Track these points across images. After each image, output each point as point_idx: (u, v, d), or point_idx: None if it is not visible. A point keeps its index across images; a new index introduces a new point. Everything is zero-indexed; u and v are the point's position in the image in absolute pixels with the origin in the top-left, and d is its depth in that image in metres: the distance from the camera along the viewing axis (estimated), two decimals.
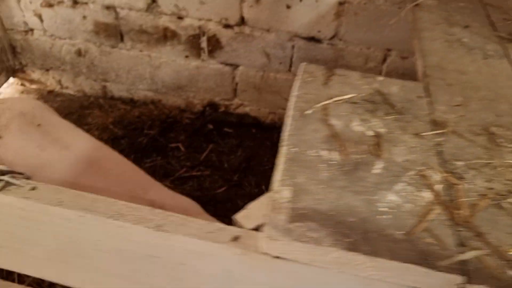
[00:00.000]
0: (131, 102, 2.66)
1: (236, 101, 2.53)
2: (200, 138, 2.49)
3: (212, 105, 2.58)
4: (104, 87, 2.66)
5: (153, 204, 1.26)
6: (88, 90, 2.70)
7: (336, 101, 0.83)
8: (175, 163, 2.34)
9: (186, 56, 2.39)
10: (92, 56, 2.52)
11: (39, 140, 1.34)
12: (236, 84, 2.45)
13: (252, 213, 0.65)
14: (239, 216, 0.65)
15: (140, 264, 0.73)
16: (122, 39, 2.40)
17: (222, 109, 2.58)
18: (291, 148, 0.75)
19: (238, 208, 2.15)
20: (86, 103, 2.70)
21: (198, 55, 2.37)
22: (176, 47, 2.36)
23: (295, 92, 0.86)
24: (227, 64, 2.38)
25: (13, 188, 0.72)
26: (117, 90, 2.64)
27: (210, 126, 2.56)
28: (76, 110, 2.66)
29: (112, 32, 2.39)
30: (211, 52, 2.34)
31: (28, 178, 0.71)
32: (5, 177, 0.69)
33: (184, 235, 0.65)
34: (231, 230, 0.67)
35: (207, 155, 2.38)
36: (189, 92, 2.55)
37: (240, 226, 0.65)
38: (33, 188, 0.72)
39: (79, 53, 2.53)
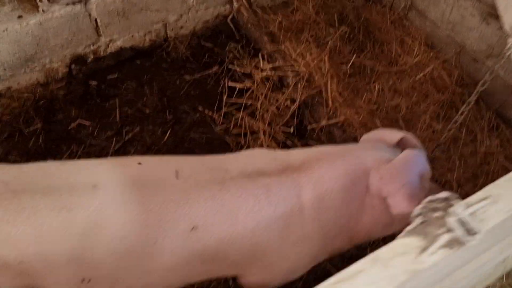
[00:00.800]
0: None
1: (103, 40, 2.08)
2: (94, 101, 2.06)
3: (78, 59, 2.08)
4: None
5: (223, 180, 1.08)
6: None
7: None
8: (96, 142, 1.93)
9: (20, 17, 1.78)
10: None
11: (53, 202, 0.95)
12: (96, 20, 1.99)
13: None
14: None
15: None
16: None
17: (91, 57, 2.11)
18: None
19: (201, 143, 2.00)
20: None
21: (35, 8, 1.79)
22: (1, 11, 1.72)
23: None
24: (75, 3, 1.87)
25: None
26: None
27: (94, 83, 2.10)
28: None
29: None
30: None
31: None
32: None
33: None
34: None
35: (120, 113, 2.02)
36: (42, 59, 1.98)
37: None
38: None
39: None
